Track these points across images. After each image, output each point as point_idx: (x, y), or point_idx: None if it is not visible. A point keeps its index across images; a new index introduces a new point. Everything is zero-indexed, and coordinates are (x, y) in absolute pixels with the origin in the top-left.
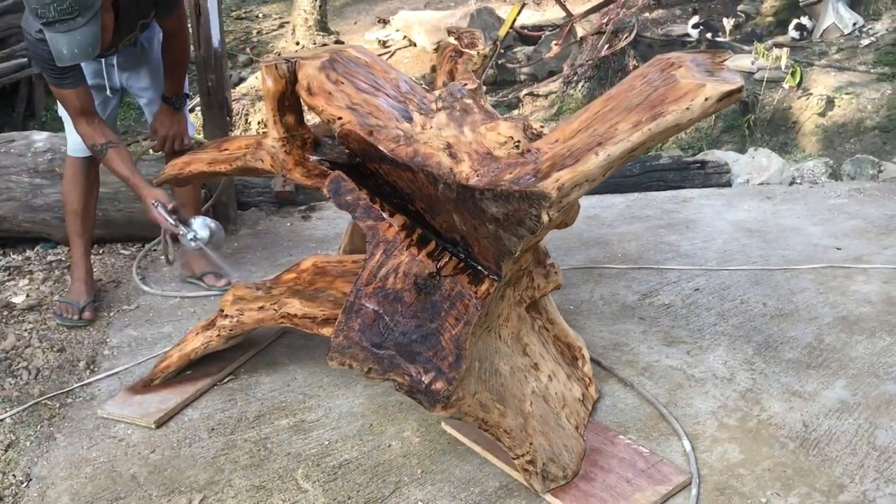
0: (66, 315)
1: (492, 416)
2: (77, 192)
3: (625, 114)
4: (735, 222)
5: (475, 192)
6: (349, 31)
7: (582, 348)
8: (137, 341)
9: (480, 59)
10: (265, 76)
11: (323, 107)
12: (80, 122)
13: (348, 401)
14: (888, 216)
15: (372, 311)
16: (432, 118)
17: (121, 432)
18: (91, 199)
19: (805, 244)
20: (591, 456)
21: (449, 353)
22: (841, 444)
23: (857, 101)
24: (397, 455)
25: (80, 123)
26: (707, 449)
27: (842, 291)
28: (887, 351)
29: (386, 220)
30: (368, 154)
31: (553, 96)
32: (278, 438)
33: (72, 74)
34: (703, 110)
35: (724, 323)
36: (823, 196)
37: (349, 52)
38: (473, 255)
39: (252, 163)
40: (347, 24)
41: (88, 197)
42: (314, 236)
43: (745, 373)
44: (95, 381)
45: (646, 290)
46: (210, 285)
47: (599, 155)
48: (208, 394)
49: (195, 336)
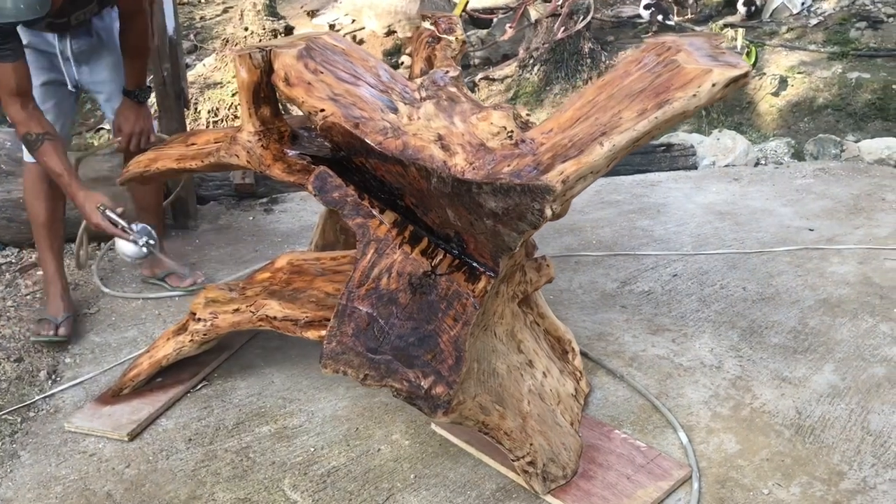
0: (42, 332)
1: (492, 419)
2: (41, 201)
3: (627, 101)
4: (705, 205)
5: (472, 186)
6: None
7: (571, 341)
8: (101, 347)
9: (459, 45)
10: (238, 66)
11: (303, 98)
12: (14, 106)
13: (331, 404)
14: (855, 195)
15: (366, 314)
16: (419, 108)
17: (91, 447)
18: (57, 206)
19: (777, 226)
20: (588, 453)
21: (448, 356)
22: (836, 430)
23: (809, 81)
24: (388, 460)
25: (14, 107)
26: (703, 440)
27: (819, 273)
28: (871, 333)
29: (376, 217)
30: (354, 148)
31: (509, 80)
32: (261, 447)
33: (11, 45)
34: (710, 96)
35: (707, 309)
36: (790, 177)
37: (324, 40)
38: (469, 251)
39: (226, 159)
40: (294, 9)
41: (54, 205)
42: (278, 230)
43: (733, 360)
44: (59, 392)
45: (624, 277)
46: (173, 286)
47: (605, 145)
48: (182, 402)
49: (166, 341)
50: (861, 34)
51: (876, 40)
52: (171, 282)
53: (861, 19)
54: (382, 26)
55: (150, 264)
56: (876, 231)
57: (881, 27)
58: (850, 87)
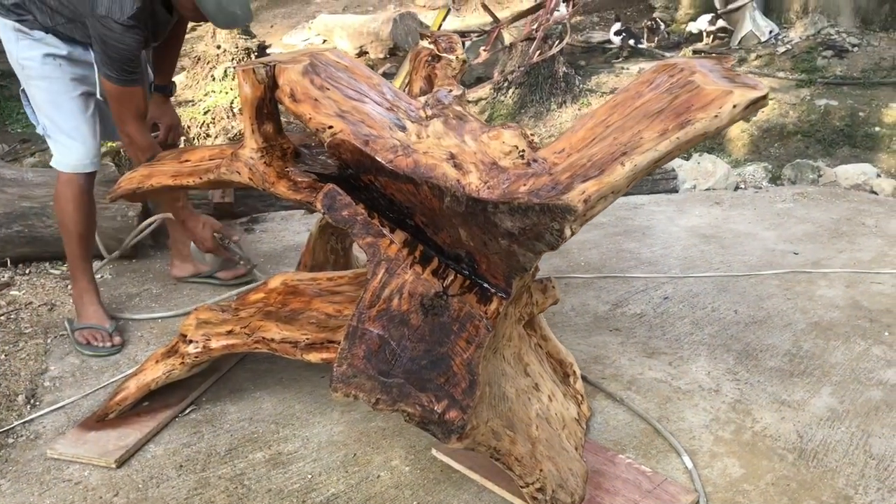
0: (96, 343)
1: (503, 444)
2: (81, 212)
3: (647, 122)
4: (689, 228)
5: (488, 206)
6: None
7: (573, 364)
8: (81, 370)
9: (460, 64)
10: (242, 82)
11: (310, 115)
12: (138, 127)
13: (326, 429)
14: (835, 220)
15: (377, 335)
16: (427, 126)
17: (76, 474)
18: (94, 220)
19: (762, 249)
20: (593, 478)
21: (461, 379)
22: (838, 454)
23: (779, 107)
24: (388, 487)
25: (138, 128)
26: (707, 465)
27: (808, 297)
28: (864, 356)
29: (387, 236)
30: (363, 166)
31: (483, 102)
32: (255, 474)
33: (139, 70)
34: (731, 117)
35: (700, 332)
36: (770, 201)
37: (327, 56)
38: (480, 272)
39: (227, 176)
40: (264, 28)
41: (92, 218)
42: (260, 250)
43: (731, 383)
44: (38, 417)
45: (615, 299)
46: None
47: (626, 165)
48: (170, 426)
49: (155, 364)
50: (828, 62)
51: (842, 68)
52: (224, 276)
53: (827, 48)
54: (354, 47)
55: (197, 264)
56: (859, 255)
57: (846, 56)
58: (819, 113)
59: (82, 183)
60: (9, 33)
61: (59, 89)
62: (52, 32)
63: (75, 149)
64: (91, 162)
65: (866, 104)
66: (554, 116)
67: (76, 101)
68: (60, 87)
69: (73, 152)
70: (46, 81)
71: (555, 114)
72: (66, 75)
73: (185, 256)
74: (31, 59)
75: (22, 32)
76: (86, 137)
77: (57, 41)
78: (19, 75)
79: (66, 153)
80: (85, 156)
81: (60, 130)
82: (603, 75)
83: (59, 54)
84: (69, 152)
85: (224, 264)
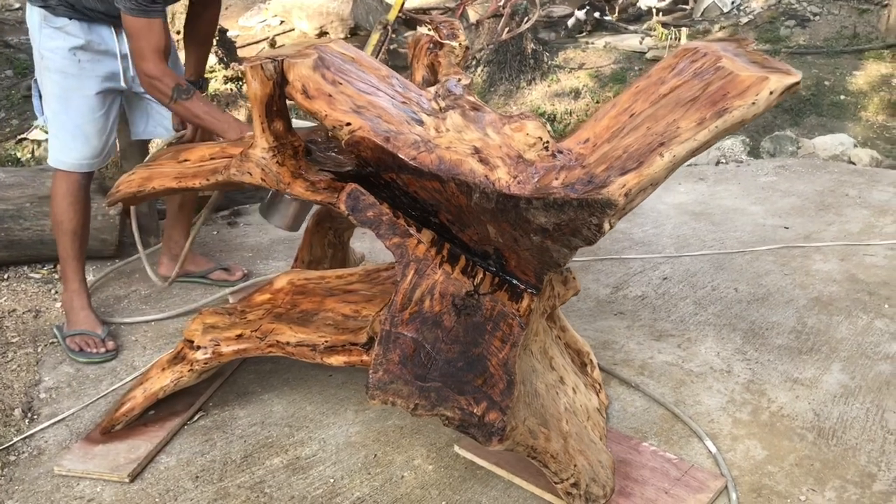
0: (89, 349)
1: (539, 442)
2: (76, 209)
3: (682, 110)
4: (677, 206)
5: (520, 202)
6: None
7: (590, 354)
8: (77, 379)
9: (463, 51)
10: (251, 79)
11: (326, 111)
12: (157, 61)
13: (342, 430)
14: (819, 192)
15: (411, 339)
16: (444, 119)
17: (88, 491)
18: (89, 218)
19: (753, 224)
20: (621, 468)
21: (499, 380)
22: (856, 431)
23: None
24: (414, 487)
25: (157, 62)
26: (730, 448)
27: (805, 272)
28: (868, 330)
29: (414, 236)
30: (384, 163)
31: None
32: (275, 481)
33: (162, 4)
34: (767, 104)
35: (704, 312)
36: (753, 175)
37: (332, 48)
38: (509, 268)
39: (238, 177)
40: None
41: (87, 216)
42: (246, 244)
43: (741, 363)
44: (38, 432)
45: (615, 282)
46: (219, 280)
47: (665, 156)
48: (180, 435)
49: (161, 372)
50: (790, 32)
51: (805, 38)
52: (216, 277)
53: (789, 18)
54: (314, 27)
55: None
56: (848, 227)
57: (808, 25)
58: None
59: (79, 179)
60: (35, 19)
61: (73, 86)
62: (74, 14)
63: (76, 148)
64: (89, 163)
65: (831, 73)
66: (524, 94)
67: (88, 100)
68: (75, 83)
69: (72, 151)
70: (61, 76)
71: (525, 91)
72: (85, 72)
73: (174, 255)
74: (52, 50)
75: (46, 21)
76: (89, 137)
77: (77, 28)
78: (37, 64)
79: (65, 151)
80: (84, 156)
81: (63, 127)
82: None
83: (79, 45)
84: (68, 151)
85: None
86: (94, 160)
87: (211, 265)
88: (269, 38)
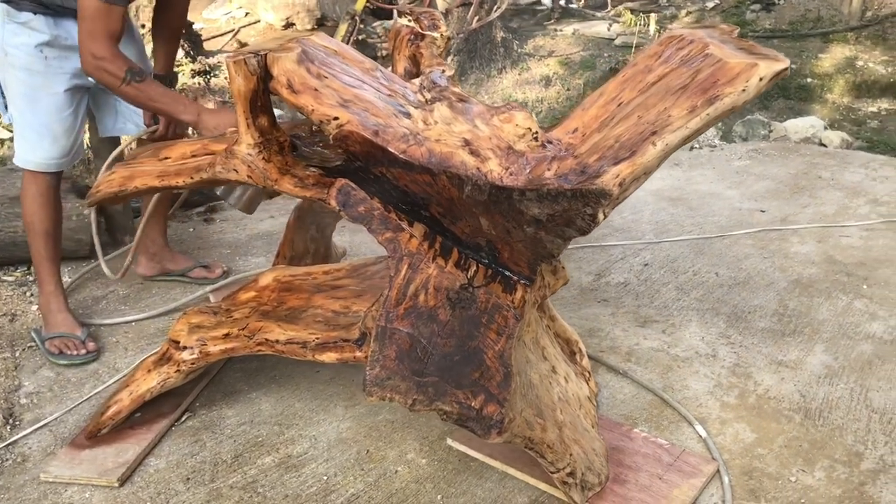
0: (70, 351)
1: (535, 433)
2: (47, 209)
3: (672, 98)
4: (654, 192)
5: (513, 193)
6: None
7: (578, 342)
8: (59, 383)
9: (444, 42)
10: (234, 74)
11: (312, 106)
12: (108, 45)
13: (332, 426)
14: (793, 175)
15: (407, 334)
16: (432, 112)
17: (77, 497)
18: (60, 219)
19: (730, 209)
20: (614, 455)
21: (496, 372)
22: (842, 411)
23: None
24: (408, 482)
25: (107, 45)
26: (719, 432)
27: (784, 254)
28: (848, 311)
29: (406, 230)
30: (374, 157)
31: None
32: (268, 480)
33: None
34: (757, 90)
35: (686, 297)
36: (726, 159)
37: (314, 41)
38: (502, 260)
39: (223, 174)
40: None
41: (59, 216)
42: (224, 241)
43: (726, 347)
44: (21, 439)
45: (597, 269)
46: (199, 278)
47: (657, 145)
48: (168, 437)
49: (147, 374)
50: (756, 16)
51: (770, 22)
52: (196, 275)
53: (755, 2)
54: (280, 19)
55: (163, 261)
56: (823, 209)
57: (773, 9)
58: None
59: (48, 179)
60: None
61: (40, 84)
62: (39, 8)
63: (43, 148)
64: (57, 162)
65: (797, 56)
66: (495, 82)
67: (56, 98)
68: (41, 81)
69: (38, 150)
70: (27, 73)
71: (496, 80)
72: (51, 69)
73: (152, 254)
74: (16, 46)
75: (9, 16)
76: (57, 136)
77: (43, 23)
78: (0, 61)
79: (31, 150)
80: (52, 155)
81: (30, 126)
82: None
83: (45, 41)
84: (36, 150)
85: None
86: (63, 159)
87: (190, 263)
88: (235, 29)
